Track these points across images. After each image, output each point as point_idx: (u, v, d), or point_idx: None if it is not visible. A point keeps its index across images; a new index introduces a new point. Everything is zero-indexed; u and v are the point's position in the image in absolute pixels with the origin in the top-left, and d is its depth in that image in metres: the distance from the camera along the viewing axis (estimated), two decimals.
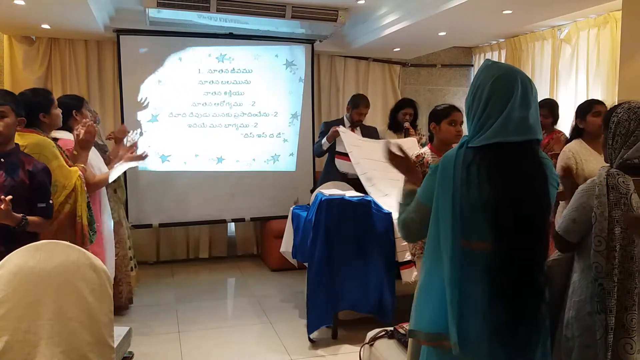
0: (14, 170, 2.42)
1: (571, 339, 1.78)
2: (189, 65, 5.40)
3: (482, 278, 1.50)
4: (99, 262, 2.29)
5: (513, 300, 1.47)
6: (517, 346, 1.48)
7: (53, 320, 2.17)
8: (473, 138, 1.56)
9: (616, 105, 1.85)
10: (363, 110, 4.77)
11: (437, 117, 3.14)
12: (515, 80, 1.52)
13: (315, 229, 3.69)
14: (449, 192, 1.52)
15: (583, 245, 1.79)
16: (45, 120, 2.83)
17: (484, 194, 1.50)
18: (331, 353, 3.59)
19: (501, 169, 1.49)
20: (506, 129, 1.49)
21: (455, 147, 1.60)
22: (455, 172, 1.53)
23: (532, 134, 1.52)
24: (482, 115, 1.53)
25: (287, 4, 4.79)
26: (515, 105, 1.50)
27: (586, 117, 3.38)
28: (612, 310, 1.66)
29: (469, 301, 1.50)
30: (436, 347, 1.56)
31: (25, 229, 2.36)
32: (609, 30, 4.75)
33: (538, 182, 1.51)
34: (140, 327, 3.90)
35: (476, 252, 1.52)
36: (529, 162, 1.51)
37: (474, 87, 1.58)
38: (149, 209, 5.38)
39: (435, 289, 1.54)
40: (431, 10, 4.38)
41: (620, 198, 1.69)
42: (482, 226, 1.51)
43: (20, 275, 2.16)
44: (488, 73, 1.56)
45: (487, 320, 1.48)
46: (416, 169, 2.01)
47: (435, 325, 1.53)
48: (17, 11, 4.23)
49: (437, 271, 1.54)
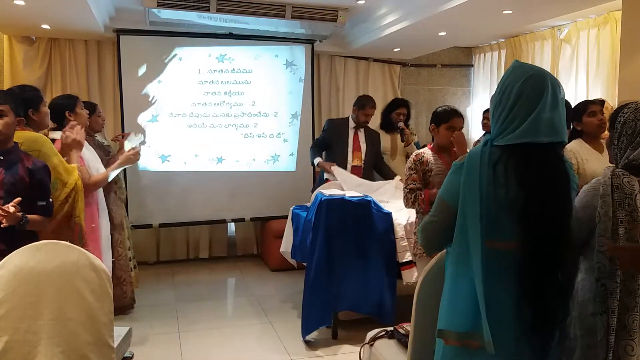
0: (13, 168, 2.42)
1: (573, 339, 1.77)
2: (189, 65, 5.40)
3: (508, 278, 1.51)
4: (99, 262, 2.28)
5: (538, 300, 1.48)
6: (543, 345, 1.50)
7: (53, 320, 2.17)
8: (498, 136, 1.57)
9: (623, 105, 1.84)
10: (369, 112, 4.71)
11: (438, 120, 3.15)
12: (545, 82, 1.53)
13: (315, 229, 3.68)
14: (476, 190, 1.52)
15: (587, 245, 1.78)
16: (34, 117, 2.82)
17: (510, 193, 1.50)
18: (331, 353, 3.59)
19: (529, 168, 1.50)
20: (536, 129, 1.50)
21: (479, 145, 1.60)
22: (482, 171, 1.53)
23: (559, 136, 1.53)
24: (510, 114, 1.54)
25: (287, 4, 4.79)
26: (546, 106, 1.51)
27: (582, 118, 3.39)
28: (615, 311, 1.66)
29: (497, 301, 1.50)
30: (463, 346, 1.56)
31: (25, 227, 2.35)
32: (609, 30, 4.75)
33: (562, 184, 1.53)
34: (140, 327, 3.89)
35: (502, 252, 1.52)
36: (555, 164, 1.53)
37: (502, 85, 1.58)
38: (149, 209, 5.38)
39: (463, 289, 1.55)
40: (431, 10, 4.38)
41: (625, 198, 1.68)
42: (508, 226, 1.51)
43: (21, 276, 2.16)
44: (518, 73, 1.56)
45: (516, 320, 1.50)
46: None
47: (465, 324, 1.54)
48: (17, 11, 4.23)
49: (464, 271, 1.54)
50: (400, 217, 3.76)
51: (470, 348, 1.53)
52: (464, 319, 1.54)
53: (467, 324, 1.53)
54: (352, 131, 4.76)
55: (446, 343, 1.60)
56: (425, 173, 3.17)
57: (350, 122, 4.80)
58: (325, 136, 4.84)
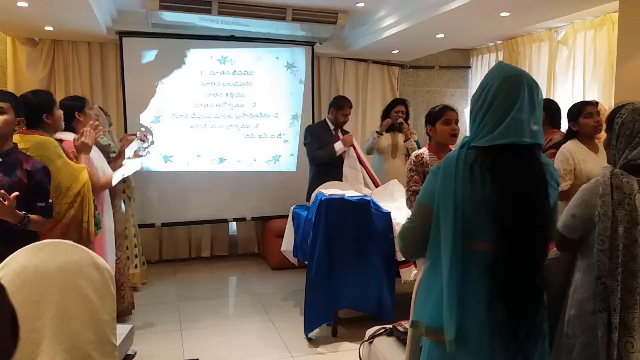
0: (12, 170, 2.41)
1: (572, 337, 1.78)
2: (191, 67, 5.44)
3: (483, 278, 1.52)
4: (102, 261, 2.29)
5: (513, 299, 1.48)
6: (516, 345, 1.50)
7: (56, 319, 2.17)
8: (476, 138, 1.57)
9: (620, 106, 1.83)
10: (348, 112, 4.68)
11: (432, 119, 3.16)
12: (521, 83, 1.52)
13: (315, 229, 3.72)
14: (451, 191, 1.52)
15: (585, 244, 1.79)
16: (48, 122, 2.84)
17: (486, 192, 1.51)
18: (331, 350, 3.63)
19: (505, 170, 1.50)
20: (513, 131, 1.50)
21: (457, 148, 1.61)
22: (457, 172, 1.53)
23: (536, 138, 1.53)
24: (486, 114, 1.54)
25: (288, 7, 4.83)
26: (523, 108, 1.50)
27: (579, 120, 3.40)
28: (617, 309, 1.66)
29: (470, 300, 1.52)
30: (437, 341, 1.58)
31: (26, 227, 2.36)
32: (606, 31, 4.77)
33: (539, 186, 1.53)
34: (142, 325, 3.95)
35: (478, 252, 1.53)
36: (531, 166, 1.53)
37: (482, 85, 1.58)
38: (151, 209, 5.44)
39: (436, 284, 1.56)
40: (429, 12, 4.41)
41: (624, 198, 1.68)
42: (484, 226, 1.52)
43: (24, 275, 2.17)
44: (496, 74, 1.56)
45: (488, 319, 1.50)
46: None
47: (435, 319, 1.55)
48: (21, 13, 4.26)
49: (439, 267, 1.55)
50: (399, 217, 3.79)
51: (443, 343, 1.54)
52: (434, 315, 1.56)
53: (438, 320, 1.54)
54: (333, 133, 4.71)
55: (418, 335, 1.64)
56: (425, 174, 3.17)
57: (329, 124, 4.73)
58: (316, 141, 4.68)
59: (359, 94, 6.47)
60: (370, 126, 6.24)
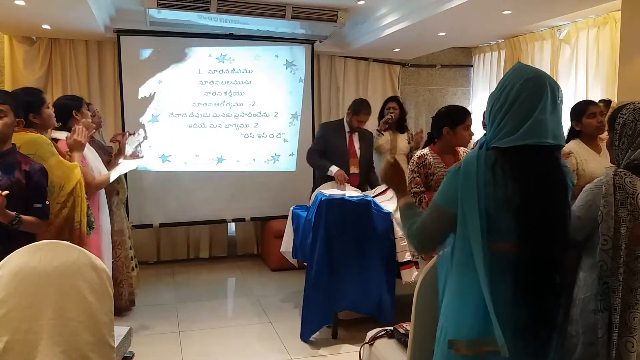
0: (10, 170, 2.40)
1: (575, 336, 1.78)
2: (189, 66, 5.41)
3: (505, 279, 1.51)
4: (99, 262, 2.28)
5: (535, 300, 1.48)
6: (538, 347, 1.50)
7: (53, 320, 2.16)
8: (494, 138, 1.56)
9: (621, 106, 1.84)
10: (363, 118, 4.51)
11: (452, 122, 3.06)
12: (544, 84, 1.52)
13: (315, 229, 3.69)
14: (474, 193, 1.51)
15: (589, 243, 1.80)
16: (35, 121, 2.80)
17: (509, 193, 1.50)
18: (331, 352, 3.60)
19: (528, 171, 1.50)
20: (536, 132, 1.49)
21: (475, 149, 1.59)
22: (479, 174, 1.52)
23: (558, 139, 1.53)
24: (506, 115, 1.53)
25: (287, 5, 4.80)
26: (546, 109, 1.50)
27: (582, 119, 3.38)
28: (617, 308, 1.67)
29: (494, 302, 1.49)
30: (475, 354, 1.54)
31: (18, 227, 2.34)
32: (609, 30, 4.75)
33: (559, 187, 1.53)
34: (140, 327, 3.91)
35: (500, 254, 1.52)
36: (553, 166, 1.53)
37: (502, 86, 1.57)
38: (149, 209, 5.40)
39: (469, 294, 1.54)
40: (431, 10, 4.39)
41: (627, 198, 1.70)
42: (506, 227, 1.51)
43: (21, 275, 2.16)
44: (517, 75, 1.55)
45: (511, 320, 1.49)
46: (405, 183, 1.98)
47: (475, 331, 1.52)
48: (18, 11, 4.24)
49: (469, 275, 1.53)
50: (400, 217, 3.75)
51: (481, 354, 1.52)
52: (474, 326, 1.53)
53: (478, 331, 1.51)
54: (347, 135, 4.59)
55: (456, 352, 1.56)
56: (427, 176, 3.13)
57: (345, 126, 4.61)
58: (322, 142, 4.61)
59: (359, 93, 6.43)
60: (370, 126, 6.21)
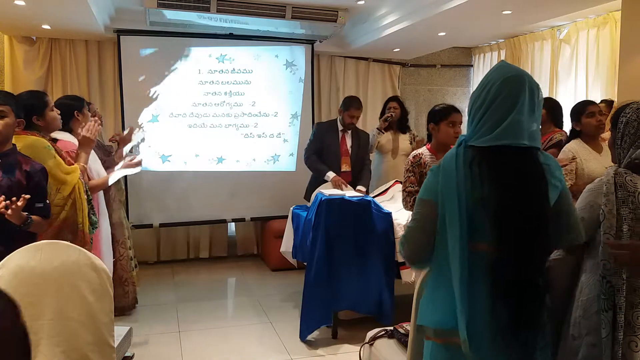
0: (11, 171, 2.41)
1: (578, 338, 1.77)
2: (189, 66, 5.41)
3: (485, 279, 1.50)
4: (100, 262, 2.28)
5: (514, 300, 1.48)
6: (519, 348, 1.49)
7: (54, 320, 2.16)
8: (473, 137, 1.56)
9: (625, 105, 1.84)
10: (354, 113, 4.50)
11: (436, 118, 3.10)
12: (523, 84, 1.51)
13: (315, 229, 3.69)
14: (453, 189, 1.51)
15: (591, 243, 1.79)
16: (39, 123, 2.80)
17: (485, 193, 1.50)
18: (331, 352, 3.60)
19: (503, 171, 1.50)
20: (512, 132, 1.50)
21: (454, 147, 1.59)
22: (458, 171, 1.52)
23: (534, 141, 1.53)
24: (485, 114, 1.53)
25: (287, 5, 4.80)
26: (523, 110, 1.50)
27: (581, 119, 3.39)
28: (622, 307, 1.66)
29: (474, 301, 1.50)
30: (444, 343, 1.57)
31: (28, 228, 2.36)
32: (609, 30, 4.75)
33: (537, 187, 1.52)
34: (140, 327, 3.90)
35: (479, 254, 1.52)
36: (530, 167, 1.52)
37: (483, 84, 1.57)
38: (149, 209, 5.40)
39: (444, 286, 1.55)
40: (431, 10, 4.39)
41: (628, 196, 1.69)
42: (484, 227, 1.51)
43: (21, 275, 2.16)
44: (498, 73, 1.55)
45: (492, 320, 1.50)
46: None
47: (444, 321, 1.54)
48: (18, 12, 4.23)
49: (446, 269, 1.54)
50: (400, 217, 3.76)
51: (451, 345, 1.53)
52: (443, 317, 1.55)
53: (448, 322, 1.53)
54: (340, 134, 4.60)
55: (426, 339, 1.61)
56: (422, 175, 3.12)
57: (339, 125, 4.62)
58: (316, 142, 4.64)
59: (359, 93, 6.42)
60: (370, 125, 6.21)
